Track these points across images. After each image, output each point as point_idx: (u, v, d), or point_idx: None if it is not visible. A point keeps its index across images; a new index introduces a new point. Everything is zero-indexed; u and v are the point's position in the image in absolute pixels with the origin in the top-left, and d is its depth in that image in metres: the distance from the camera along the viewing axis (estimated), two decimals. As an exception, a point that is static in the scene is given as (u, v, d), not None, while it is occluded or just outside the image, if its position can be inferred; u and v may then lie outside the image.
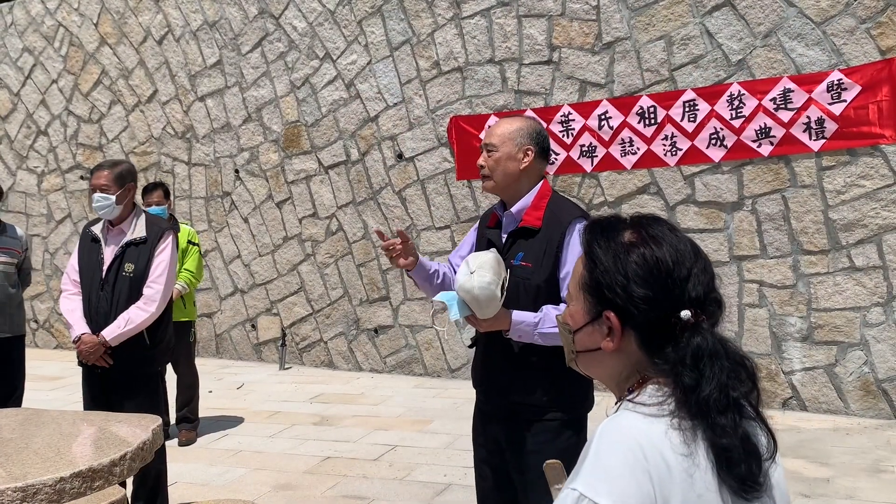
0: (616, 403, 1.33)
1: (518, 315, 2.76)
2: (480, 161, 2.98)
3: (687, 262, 1.30)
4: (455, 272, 3.16)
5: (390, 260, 3.04)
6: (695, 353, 1.25)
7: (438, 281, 3.13)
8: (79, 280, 4.43)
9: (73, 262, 4.49)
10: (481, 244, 3.08)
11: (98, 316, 4.31)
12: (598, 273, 1.34)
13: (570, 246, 2.81)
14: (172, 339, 4.73)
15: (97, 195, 4.33)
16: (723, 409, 1.22)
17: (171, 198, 7.36)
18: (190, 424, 6.29)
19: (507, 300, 2.77)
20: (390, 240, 3.03)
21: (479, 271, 2.65)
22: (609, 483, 1.17)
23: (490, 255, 2.71)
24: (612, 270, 1.32)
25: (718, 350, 1.26)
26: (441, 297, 2.83)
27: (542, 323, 2.75)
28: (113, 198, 4.33)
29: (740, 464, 1.21)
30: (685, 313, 1.27)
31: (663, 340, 1.28)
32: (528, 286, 2.83)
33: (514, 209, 2.94)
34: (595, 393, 2.96)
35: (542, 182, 2.99)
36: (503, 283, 2.69)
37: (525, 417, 2.87)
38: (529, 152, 2.93)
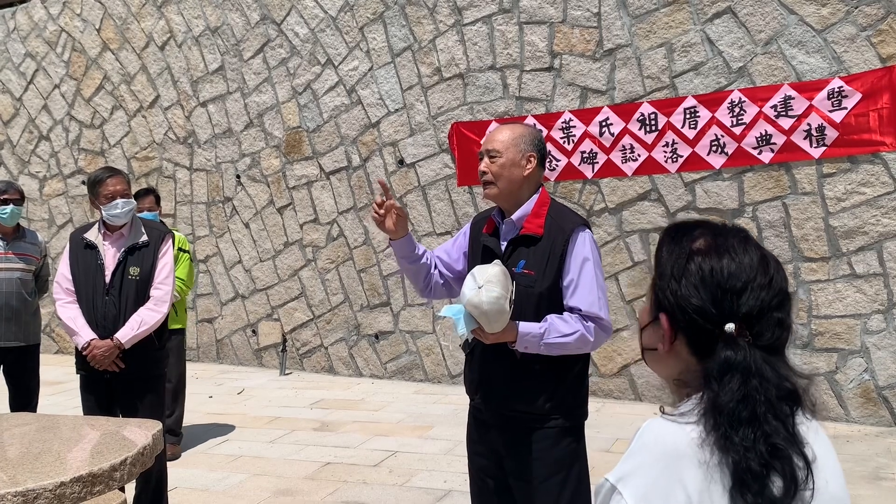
0: (672, 406, 1.34)
1: (524, 327, 2.74)
2: (482, 167, 2.93)
3: (744, 276, 1.29)
4: (438, 267, 3.14)
5: (377, 222, 2.96)
6: (721, 365, 1.24)
7: (419, 264, 3.06)
8: (73, 288, 4.42)
9: (65, 270, 4.44)
10: (477, 251, 3.03)
11: (106, 321, 4.31)
12: (657, 275, 1.36)
13: (573, 254, 2.80)
14: (174, 340, 4.78)
15: (122, 201, 4.36)
16: (737, 422, 1.21)
17: (164, 203, 7.34)
18: (175, 437, 6.15)
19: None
20: (386, 201, 2.93)
21: (488, 286, 2.61)
22: (636, 480, 1.21)
23: (497, 269, 2.68)
24: (668, 275, 1.33)
25: (750, 367, 1.24)
26: (447, 311, 2.78)
27: (547, 333, 2.73)
28: (134, 202, 4.45)
29: (751, 489, 1.18)
30: (729, 326, 1.26)
31: (711, 351, 1.28)
32: (531, 294, 2.81)
33: (514, 217, 2.91)
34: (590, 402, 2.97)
35: (541, 190, 2.97)
36: (511, 296, 2.67)
37: (525, 424, 2.86)
38: (532, 159, 2.91)
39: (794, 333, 1.33)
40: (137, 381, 4.36)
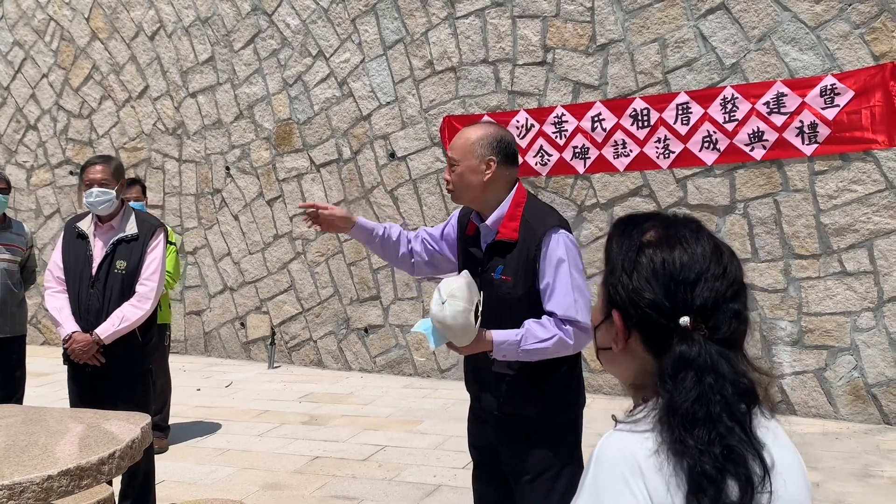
0: (628, 411, 1.30)
1: (499, 335, 2.72)
2: (445, 175, 2.93)
3: (697, 267, 1.24)
4: (426, 243, 3.17)
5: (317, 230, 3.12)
6: (675, 361, 1.20)
7: (381, 241, 3.15)
8: (63, 277, 4.36)
9: (57, 259, 4.39)
10: (461, 255, 3.05)
11: (89, 314, 4.25)
12: (608, 270, 1.31)
13: (547, 257, 2.77)
14: (156, 336, 4.70)
15: (97, 190, 4.27)
16: (690, 424, 1.16)
17: (153, 195, 7.26)
18: (161, 432, 6.09)
19: (489, 314, 2.71)
20: (313, 212, 3.09)
21: (450, 300, 2.59)
22: None
23: (462, 281, 2.65)
24: (618, 269, 1.29)
25: (706, 363, 1.19)
26: (419, 327, 2.78)
27: (524, 340, 2.71)
28: (113, 192, 4.32)
29: (706, 491, 1.14)
30: (683, 319, 1.21)
31: (667, 347, 1.23)
32: (510, 300, 2.80)
33: (489, 221, 2.87)
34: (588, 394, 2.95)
35: (515, 188, 2.90)
36: (477, 307, 2.65)
37: (517, 425, 2.86)
38: (492, 163, 2.83)
39: (752, 326, 1.29)
40: (119, 377, 4.28)
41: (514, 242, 2.81)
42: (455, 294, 2.59)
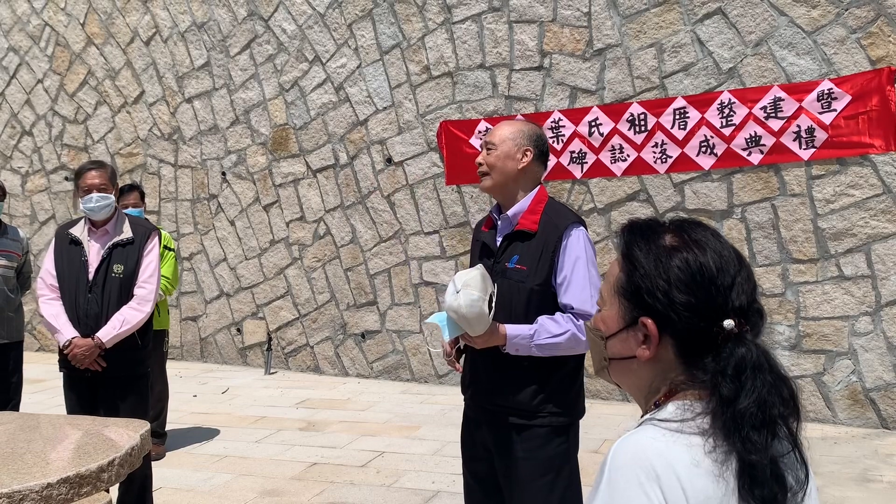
0: (640, 418, 1.29)
1: (512, 329, 2.75)
2: (479, 159, 2.98)
3: (731, 270, 1.26)
4: None
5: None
6: (738, 364, 1.21)
7: None
8: (57, 284, 4.35)
9: (49, 266, 4.37)
10: (475, 250, 3.08)
11: (88, 318, 4.24)
12: (637, 277, 1.29)
13: (567, 251, 2.81)
14: (154, 341, 4.72)
15: (96, 195, 4.28)
16: (758, 425, 1.17)
17: (148, 200, 7.24)
18: (158, 439, 6.06)
19: (500, 303, 2.75)
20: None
21: (465, 290, 2.63)
22: None
23: (475, 272, 2.70)
24: (652, 274, 1.27)
25: (762, 363, 1.21)
26: (434, 318, 2.84)
27: (537, 335, 2.74)
28: (112, 197, 4.34)
29: (764, 485, 1.15)
30: (728, 322, 1.22)
31: (702, 350, 1.23)
32: (522, 289, 2.82)
33: (510, 212, 2.94)
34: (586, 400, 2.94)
35: (539, 187, 2.99)
36: (491, 298, 2.67)
37: (512, 422, 2.85)
38: (528, 153, 2.93)
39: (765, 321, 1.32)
40: (119, 380, 4.28)
41: (534, 234, 2.86)
42: (469, 284, 2.65)
